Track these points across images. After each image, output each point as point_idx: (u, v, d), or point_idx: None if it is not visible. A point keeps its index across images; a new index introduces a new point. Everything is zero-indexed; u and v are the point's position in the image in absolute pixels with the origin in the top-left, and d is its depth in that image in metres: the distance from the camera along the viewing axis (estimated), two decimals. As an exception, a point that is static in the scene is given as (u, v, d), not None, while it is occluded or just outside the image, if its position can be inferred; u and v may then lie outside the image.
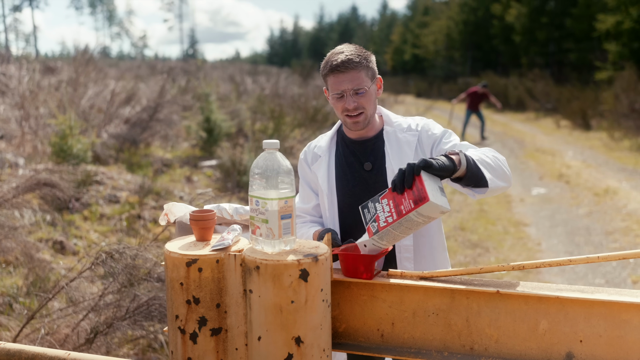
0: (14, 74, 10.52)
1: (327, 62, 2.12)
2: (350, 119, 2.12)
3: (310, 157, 2.31)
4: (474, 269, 1.61)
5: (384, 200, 1.64)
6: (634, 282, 5.34)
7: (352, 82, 2.06)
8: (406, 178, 1.59)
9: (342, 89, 2.08)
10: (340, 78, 2.07)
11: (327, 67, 2.11)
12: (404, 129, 2.20)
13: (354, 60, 2.06)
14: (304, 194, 2.33)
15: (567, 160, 12.08)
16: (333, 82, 2.09)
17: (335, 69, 2.07)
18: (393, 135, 2.19)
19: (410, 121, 2.22)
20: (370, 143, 2.21)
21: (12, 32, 63.06)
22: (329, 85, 2.14)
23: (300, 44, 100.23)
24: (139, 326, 3.11)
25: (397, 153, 2.15)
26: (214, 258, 1.51)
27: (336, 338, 1.67)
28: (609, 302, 1.45)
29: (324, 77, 2.16)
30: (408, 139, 2.16)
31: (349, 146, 2.24)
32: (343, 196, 2.21)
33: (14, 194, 4.17)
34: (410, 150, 2.13)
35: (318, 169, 2.25)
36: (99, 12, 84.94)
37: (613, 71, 19.61)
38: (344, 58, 2.06)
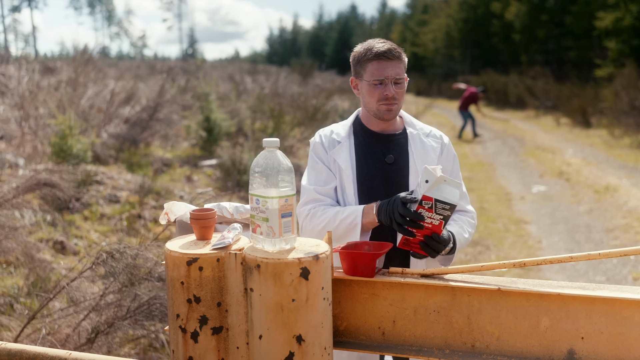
0: (13, 74, 10.51)
1: (369, 48, 2.13)
2: (386, 107, 2.14)
3: (327, 141, 2.26)
4: (475, 266, 1.61)
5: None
6: (634, 279, 5.34)
7: (394, 70, 2.11)
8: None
9: (385, 75, 2.11)
10: (385, 64, 2.11)
11: (372, 53, 2.12)
12: (426, 134, 2.28)
13: (398, 51, 2.14)
14: (323, 176, 2.23)
15: (568, 157, 12.07)
16: (375, 68, 2.11)
17: (382, 55, 2.10)
18: (417, 138, 2.25)
19: (432, 129, 2.31)
20: (393, 137, 2.25)
21: (11, 32, 63.07)
22: (368, 71, 2.13)
23: (299, 43, 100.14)
24: (140, 325, 3.11)
25: (421, 154, 2.21)
26: (215, 257, 1.51)
27: (337, 336, 1.67)
28: (610, 299, 1.45)
29: (362, 64, 2.15)
30: (432, 144, 2.24)
31: (370, 136, 2.25)
32: (362, 185, 2.20)
33: (14, 194, 4.17)
34: (434, 155, 2.22)
35: (338, 154, 2.21)
36: (97, 12, 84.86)
37: (613, 68, 19.59)
38: (390, 46, 2.13)
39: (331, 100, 16.76)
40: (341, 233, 2.10)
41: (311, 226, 2.17)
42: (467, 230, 2.18)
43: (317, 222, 2.15)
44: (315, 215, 2.16)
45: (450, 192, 1.77)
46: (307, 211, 2.19)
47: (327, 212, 2.14)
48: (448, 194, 1.77)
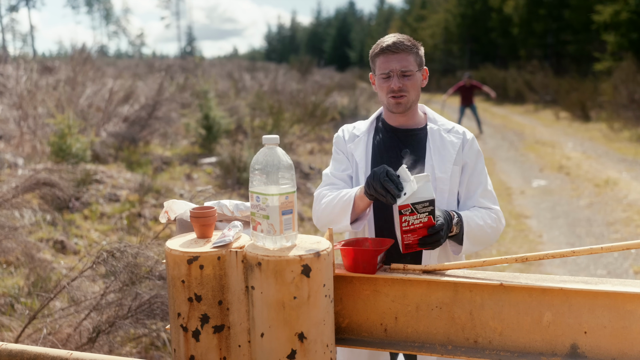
0: (11, 74, 10.49)
1: (378, 44, 2.18)
2: (394, 100, 2.15)
3: (348, 135, 2.31)
4: (476, 261, 1.60)
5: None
6: (635, 273, 5.34)
7: (400, 63, 2.13)
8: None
9: (390, 68, 2.13)
10: (389, 58, 2.13)
11: (378, 48, 2.17)
12: (448, 129, 2.26)
13: (405, 43, 2.14)
14: (340, 163, 2.30)
15: (567, 151, 12.06)
16: (382, 62, 2.15)
17: (386, 49, 2.14)
18: (437, 133, 2.24)
19: (455, 125, 2.30)
20: (412, 133, 2.26)
21: (9, 32, 62.98)
22: (377, 66, 2.18)
23: (298, 40, 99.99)
24: (141, 324, 3.11)
25: (439, 150, 2.20)
26: (215, 255, 1.50)
27: (339, 333, 1.67)
28: (613, 293, 1.44)
29: (372, 60, 2.20)
30: (452, 140, 2.22)
31: (389, 132, 2.27)
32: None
33: (14, 194, 4.16)
34: (453, 150, 2.20)
35: (355, 147, 2.26)
36: (95, 11, 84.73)
37: (612, 62, 19.57)
38: (395, 40, 2.15)
39: (330, 97, 16.73)
40: (338, 211, 2.11)
41: (317, 206, 2.22)
42: (482, 218, 2.10)
43: (322, 202, 2.19)
44: (324, 196, 2.21)
45: (423, 190, 1.80)
46: (319, 193, 2.25)
47: (333, 193, 2.19)
48: (422, 193, 1.80)
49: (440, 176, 2.16)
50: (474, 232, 2.05)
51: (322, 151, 11.52)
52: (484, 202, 2.18)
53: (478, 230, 2.07)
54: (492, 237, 2.12)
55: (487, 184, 2.21)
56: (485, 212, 2.15)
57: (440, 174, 2.16)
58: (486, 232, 2.09)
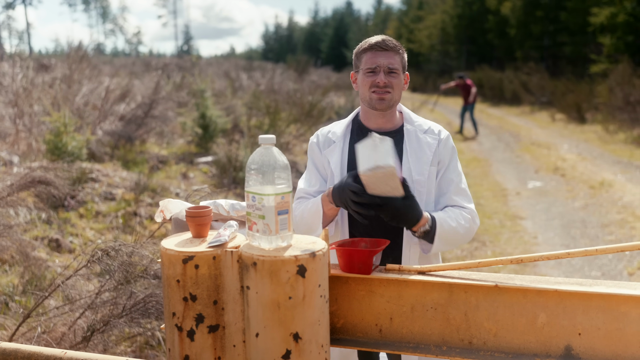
0: (7, 71, 10.45)
1: (365, 42, 2.21)
2: (377, 95, 2.15)
3: (322, 141, 2.30)
4: (472, 262, 1.60)
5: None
6: (630, 274, 5.36)
7: (387, 60, 2.14)
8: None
9: (377, 63, 2.14)
10: (377, 54, 2.15)
11: (366, 44, 2.19)
12: (424, 130, 2.25)
13: (393, 42, 2.18)
14: (311, 176, 2.31)
15: (563, 153, 12.10)
16: (369, 57, 2.16)
17: (374, 46, 2.16)
18: (414, 134, 2.23)
19: (430, 124, 2.29)
20: (389, 136, 2.19)
21: (5, 29, 62.78)
22: (362, 62, 2.18)
23: (295, 40, 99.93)
24: (135, 323, 3.10)
25: (415, 152, 2.20)
26: (211, 255, 1.50)
27: (334, 334, 1.67)
28: (607, 295, 1.45)
29: (358, 56, 2.21)
30: (429, 141, 2.22)
31: (365, 135, 2.21)
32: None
33: (9, 192, 4.15)
34: (430, 151, 2.20)
35: (331, 154, 2.25)
36: (92, 9, 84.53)
37: (608, 64, 19.62)
38: (385, 37, 2.19)
39: (327, 97, 16.74)
40: (310, 222, 2.13)
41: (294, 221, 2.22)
42: (455, 219, 2.10)
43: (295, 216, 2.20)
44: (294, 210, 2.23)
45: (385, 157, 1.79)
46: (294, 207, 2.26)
47: (300, 206, 2.20)
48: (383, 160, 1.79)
49: (417, 178, 2.15)
50: (447, 233, 2.06)
51: (318, 151, 11.49)
52: (457, 200, 2.18)
53: (450, 231, 2.07)
54: (464, 237, 2.13)
55: (460, 182, 2.21)
56: (458, 212, 2.15)
57: (418, 176, 2.16)
58: (459, 233, 2.10)
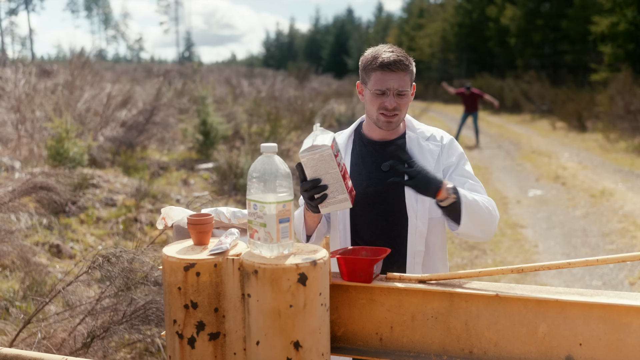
0: (10, 77, 10.47)
1: (375, 57, 2.10)
2: (385, 118, 2.12)
3: None
4: (472, 272, 1.60)
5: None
6: (631, 284, 5.35)
7: (397, 82, 2.08)
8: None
9: (387, 86, 2.08)
10: (388, 76, 2.08)
11: (376, 63, 2.09)
12: (426, 137, 2.22)
13: (404, 62, 2.10)
14: None
15: (563, 161, 12.10)
16: (379, 78, 2.09)
17: (385, 66, 2.07)
18: (416, 142, 2.20)
19: (433, 131, 2.26)
20: (391, 144, 2.20)
21: (8, 35, 62.96)
22: (371, 80, 2.11)
23: (296, 47, 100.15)
24: (136, 330, 3.10)
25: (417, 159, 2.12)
26: (212, 262, 1.50)
27: (335, 342, 1.67)
28: (608, 305, 1.45)
29: (366, 71, 2.13)
30: (431, 148, 2.19)
31: (367, 146, 2.23)
32: (356, 196, 2.15)
33: (10, 197, 4.15)
34: (432, 159, 2.17)
35: None
36: (94, 15, 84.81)
37: (608, 73, 19.67)
38: (396, 58, 2.08)
39: (328, 104, 16.76)
40: (297, 229, 2.15)
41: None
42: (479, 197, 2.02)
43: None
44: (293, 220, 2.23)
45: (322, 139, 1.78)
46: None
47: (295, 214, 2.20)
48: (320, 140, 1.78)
49: None
50: (473, 207, 1.95)
51: (319, 158, 11.50)
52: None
53: (476, 206, 1.96)
54: (490, 220, 2.02)
55: (473, 180, 2.15)
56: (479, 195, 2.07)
57: None
58: (484, 211, 1.99)
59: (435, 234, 2.19)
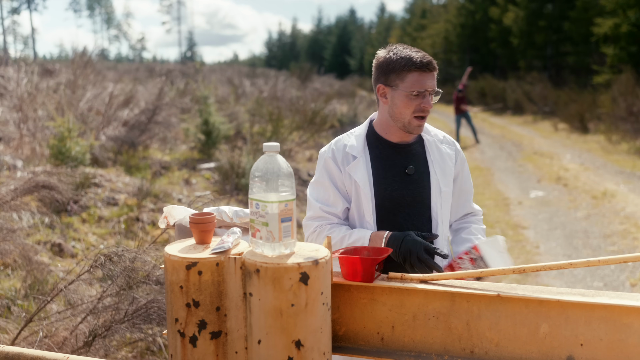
0: (12, 76, 10.49)
1: (409, 58, 2.03)
2: (419, 121, 2.07)
3: (341, 157, 2.15)
4: (474, 272, 1.61)
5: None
6: (632, 285, 5.35)
7: (432, 82, 2.05)
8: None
9: (426, 87, 2.03)
10: (426, 76, 2.03)
11: (413, 63, 2.02)
12: (440, 140, 2.23)
13: (435, 63, 2.07)
14: (329, 195, 2.17)
15: (565, 163, 12.09)
16: (416, 78, 2.02)
17: (424, 66, 2.02)
18: (434, 145, 2.19)
19: (443, 133, 2.28)
20: (411, 147, 2.18)
21: (10, 34, 63.07)
22: (406, 81, 2.03)
23: (298, 47, 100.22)
24: (137, 329, 3.10)
25: (439, 162, 2.17)
26: (214, 261, 1.50)
27: (336, 341, 1.67)
28: (609, 306, 1.45)
29: (399, 73, 2.04)
30: (448, 152, 2.21)
31: (387, 148, 2.17)
32: (381, 200, 2.13)
33: (12, 196, 4.16)
34: (451, 162, 2.19)
35: (354, 170, 2.12)
36: (97, 15, 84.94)
37: (611, 74, 19.65)
38: (429, 57, 2.05)
39: (330, 104, 16.77)
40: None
41: (313, 238, 2.16)
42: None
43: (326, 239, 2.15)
44: (322, 234, 2.14)
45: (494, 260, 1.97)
46: (314, 228, 2.16)
47: (334, 233, 2.11)
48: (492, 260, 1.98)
49: (445, 190, 2.13)
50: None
51: (320, 158, 11.51)
52: (473, 207, 2.29)
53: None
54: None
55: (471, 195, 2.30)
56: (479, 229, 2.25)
57: (445, 188, 2.13)
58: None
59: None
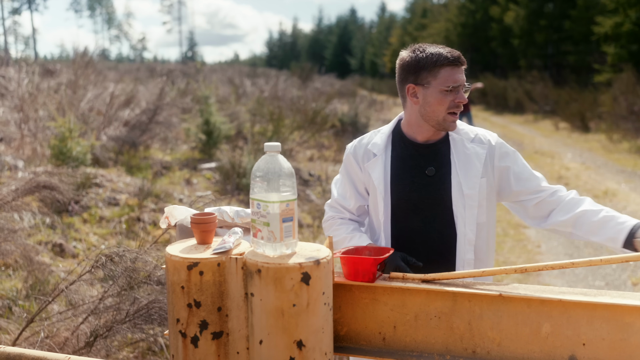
0: (13, 76, 10.50)
1: (439, 53, 2.00)
2: (454, 117, 2.02)
3: (362, 153, 2.15)
4: (476, 272, 1.60)
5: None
6: (634, 284, 5.34)
7: (463, 77, 2.02)
8: None
9: (459, 81, 1.99)
10: (457, 70, 2.00)
11: (445, 58, 1.99)
12: (471, 139, 2.12)
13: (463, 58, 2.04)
14: (345, 190, 2.20)
15: (566, 162, 12.08)
16: (449, 74, 1.99)
17: (455, 60, 1.99)
18: (460, 144, 2.10)
19: (478, 131, 2.15)
20: (434, 147, 2.11)
21: (11, 34, 63.12)
22: (439, 78, 2.00)
23: (299, 47, 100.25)
24: (138, 329, 3.10)
25: (463, 163, 2.07)
26: (215, 261, 1.50)
27: (338, 341, 1.67)
28: (611, 305, 1.44)
29: (430, 70, 2.00)
30: (477, 150, 2.08)
31: (409, 148, 2.12)
32: (398, 201, 2.09)
33: (14, 196, 4.16)
34: (479, 163, 2.07)
35: (372, 168, 2.11)
36: (97, 15, 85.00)
37: (612, 73, 19.63)
38: (459, 52, 2.02)
39: (331, 104, 16.77)
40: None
41: (328, 230, 2.24)
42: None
43: (334, 234, 2.20)
44: (332, 227, 2.21)
45: None
46: (328, 217, 2.25)
47: (339, 230, 2.16)
48: None
49: (468, 193, 2.04)
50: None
51: (321, 158, 11.54)
52: (546, 186, 2.14)
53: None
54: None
55: (535, 175, 2.16)
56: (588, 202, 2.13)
57: (468, 190, 2.04)
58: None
59: (482, 238, 2.11)
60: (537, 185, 2.12)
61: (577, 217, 2.08)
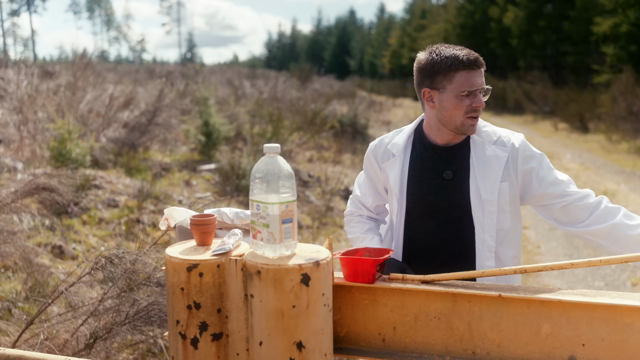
0: (12, 78, 10.49)
1: (455, 56, 1.94)
2: (471, 121, 1.96)
3: (381, 152, 2.12)
4: (475, 272, 1.60)
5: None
6: (633, 285, 5.34)
7: (482, 79, 1.96)
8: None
9: (477, 85, 1.93)
10: (475, 74, 1.94)
11: (460, 61, 1.93)
12: (493, 141, 2.04)
13: (482, 59, 1.97)
14: (366, 188, 2.22)
15: (566, 162, 12.09)
16: (466, 77, 1.93)
17: (471, 64, 1.93)
18: (481, 146, 2.02)
19: (502, 133, 2.08)
20: (454, 150, 2.06)
21: (10, 36, 63.09)
22: (455, 82, 1.94)
23: (298, 48, 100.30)
24: (138, 331, 3.10)
25: (482, 167, 2.00)
26: (215, 263, 1.50)
27: (337, 342, 1.67)
28: (611, 306, 1.44)
29: (446, 74, 1.95)
30: (498, 154, 2.00)
31: (429, 150, 2.08)
32: (414, 203, 2.07)
33: (13, 198, 4.16)
34: (499, 166, 1.99)
35: (390, 168, 2.09)
36: (96, 17, 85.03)
37: (611, 74, 19.65)
38: (476, 54, 1.95)
39: (330, 105, 16.77)
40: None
41: (346, 226, 2.32)
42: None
43: (350, 231, 2.27)
44: (349, 223, 2.28)
45: None
46: (348, 211, 2.31)
47: (354, 229, 2.23)
48: None
49: (486, 198, 1.97)
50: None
51: (321, 159, 11.54)
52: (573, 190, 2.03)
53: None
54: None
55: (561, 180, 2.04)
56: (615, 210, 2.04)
57: (487, 195, 1.97)
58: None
59: (506, 245, 2.04)
60: (562, 190, 2.02)
61: (611, 229, 1.99)
